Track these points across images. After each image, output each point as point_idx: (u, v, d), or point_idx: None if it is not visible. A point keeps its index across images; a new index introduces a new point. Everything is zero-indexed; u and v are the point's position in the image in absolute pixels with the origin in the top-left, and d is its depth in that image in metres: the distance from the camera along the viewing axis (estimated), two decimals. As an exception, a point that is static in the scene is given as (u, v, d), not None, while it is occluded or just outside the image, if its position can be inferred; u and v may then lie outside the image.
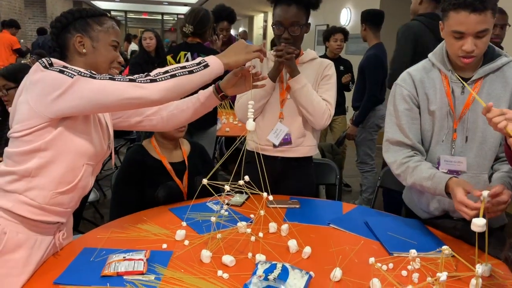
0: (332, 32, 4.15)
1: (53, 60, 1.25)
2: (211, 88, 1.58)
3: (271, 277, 1.20)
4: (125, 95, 1.19)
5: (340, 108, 4.21)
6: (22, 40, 7.98)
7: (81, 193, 1.38)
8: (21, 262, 1.25)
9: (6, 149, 1.27)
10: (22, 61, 5.28)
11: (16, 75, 2.22)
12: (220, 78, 1.55)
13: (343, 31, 4.16)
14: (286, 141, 1.99)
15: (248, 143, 2.06)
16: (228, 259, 1.37)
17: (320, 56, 2.12)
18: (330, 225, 1.70)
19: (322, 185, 3.21)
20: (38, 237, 1.30)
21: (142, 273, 1.28)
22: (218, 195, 1.63)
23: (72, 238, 1.53)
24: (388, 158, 1.68)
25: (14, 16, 8.47)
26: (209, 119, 3.16)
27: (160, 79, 1.22)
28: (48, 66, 1.22)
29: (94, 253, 1.39)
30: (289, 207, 1.87)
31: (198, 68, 1.28)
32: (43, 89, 1.20)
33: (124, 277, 1.26)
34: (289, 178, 2.05)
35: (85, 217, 3.05)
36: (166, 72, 1.24)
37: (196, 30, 3.08)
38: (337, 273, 1.29)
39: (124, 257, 1.34)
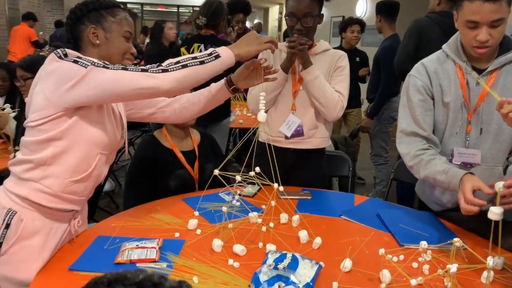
0: (349, 23, 4.11)
1: (68, 50, 1.27)
2: (222, 81, 1.58)
3: (280, 266, 1.21)
4: (137, 85, 1.20)
5: (355, 101, 4.18)
6: (41, 33, 8.09)
7: (95, 182, 1.41)
8: (38, 248, 1.29)
9: (23, 138, 1.30)
10: (40, 53, 5.36)
11: (33, 66, 2.26)
12: (232, 71, 1.55)
13: (360, 22, 4.11)
14: (298, 133, 1.99)
15: (260, 135, 2.07)
16: (239, 248, 1.38)
17: (336, 48, 2.11)
18: (342, 216, 1.70)
19: (335, 178, 3.20)
20: (53, 224, 1.33)
21: (154, 261, 1.31)
22: (230, 186, 1.65)
23: (87, 226, 1.56)
24: (401, 149, 1.67)
25: (33, 9, 8.59)
26: (222, 111, 3.17)
27: (172, 69, 1.23)
28: (63, 57, 1.24)
29: (108, 241, 1.42)
30: (301, 199, 1.87)
31: (209, 58, 1.28)
32: (58, 79, 1.22)
33: (137, 264, 1.29)
34: (301, 170, 2.05)
35: (100, 206, 3.10)
36: (178, 62, 1.26)
37: (209, 22, 3.09)
38: (347, 264, 1.30)
39: (137, 245, 1.36)
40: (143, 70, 1.22)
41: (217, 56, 1.30)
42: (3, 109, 2.58)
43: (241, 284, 1.21)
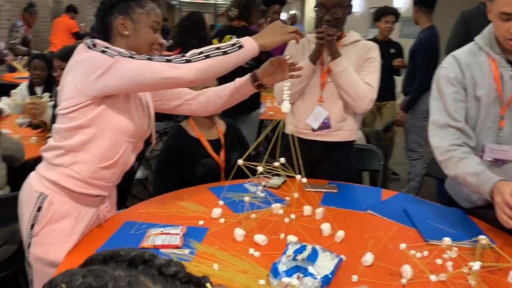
0: (383, 13, 4.01)
1: (97, 41, 1.31)
2: (247, 76, 1.59)
3: (299, 257, 1.21)
4: (161, 75, 1.23)
5: (389, 93, 4.09)
6: (82, 24, 8.34)
7: (122, 169, 1.45)
8: (67, 231, 1.35)
9: (54, 125, 1.36)
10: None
11: (69, 56, 2.33)
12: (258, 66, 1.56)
13: (394, 12, 4.01)
14: (326, 125, 1.97)
15: (287, 127, 2.06)
16: (260, 238, 1.40)
17: (369, 39, 2.07)
18: (367, 210, 1.68)
19: (366, 172, 3.16)
20: (82, 208, 1.39)
21: (177, 247, 1.34)
22: (255, 177, 1.66)
23: (116, 212, 1.62)
24: (434, 142, 1.61)
25: (75, 2, 8.86)
26: (252, 103, 3.17)
27: (195, 60, 1.25)
28: (92, 47, 1.28)
29: (135, 227, 1.47)
30: (327, 192, 1.86)
31: (233, 49, 1.29)
32: (86, 68, 1.26)
33: (161, 250, 1.33)
34: (327, 163, 2.04)
35: (133, 193, 3.19)
36: (201, 53, 1.27)
37: (241, 13, 3.10)
38: (368, 258, 1.29)
39: (161, 231, 1.40)
40: (167, 61, 1.24)
41: (240, 46, 1.30)
42: (41, 98, 2.70)
43: (260, 273, 1.22)
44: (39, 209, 1.32)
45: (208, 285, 0.49)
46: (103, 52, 1.25)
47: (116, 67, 1.23)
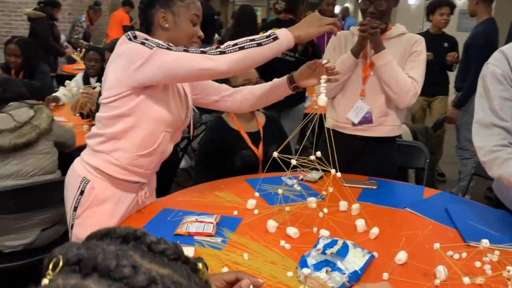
0: (438, 5, 3.83)
1: (137, 33, 1.36)
2: (285, 77, 1.59)
3: (328, 251, 1.20)
4: (196, 66, 1.26)
5: (441, 88, 3.92)
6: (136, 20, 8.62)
7: (160, 158, 1.50)
8: (108, 215, 1.42)
9: (97, 114, 1.43)
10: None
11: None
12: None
13: (449, 4, 3.82)
14: (366, 120, 1.93)
15: (327, 120, 2.04)
16: (292, 230, 1.40)
17: (420, 33, 1.99)
18: (406, 209, 1.64)
19: (412, 169, 3.06)
20: (122, 194, 1.45)
21: (210, 235, 1.37)
22: (293, 170, 1.66)
23: (156, 199, 1.68)
24: (476, 141, 1.54)
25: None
26: (297, 96, 3.14)
27: (229, 51, 1.27)
28: (132, 39, 1.33)
29: (171, 214, 1.52)
30: (365, 188, 1.82)
31: (267, 40, 1.30)
32: (127, 60, 1.31)
33: (194, 237, 1.36)
34: (368, 158, 2.00)
35: (178, 182, 3.28)
36: (236, 44, 1.29)
37: (288, 6, 3.09)
38: (401, 256, 1.26)
39: (196, 219, 1.44)
40: (202, 52, 1.27)
41: (275, 38, 1.30)
42: (94, 88, 2.83)
43: (289, 265, 1.22)
44: (81, 192, 1.40)
45: (200, 264, 0.50)
46: (143, 44, 1.30)
47: (154, 58, 1.27)
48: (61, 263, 0.43)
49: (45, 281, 0.43)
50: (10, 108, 1.90)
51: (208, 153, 2.06)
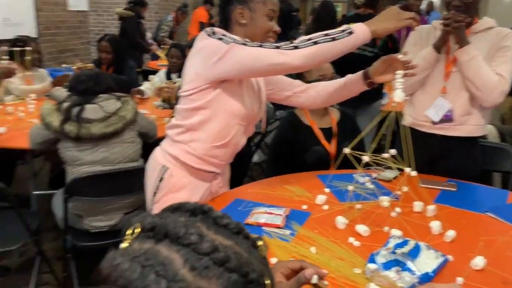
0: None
1: (215, 29, 1.42)
2: (359, 73, 1.56)
3: (399, 251, 1.17)
4: (270, 61, 1.29)
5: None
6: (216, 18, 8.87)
7: (234, 150, 1.55)
8: (184, 201, 1.49)
9: (177, 106, 1.52)
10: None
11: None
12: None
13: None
14: (447, 118, 1.84)
15: (405, 118, 1.97)
16: (362, 228, 1.38)
17: None
18: (487, 213, 1.54)
19: (497, 173, 2.85)
20: (197, 182, 1.53)
21: (279, 227, 1.39)
22: (366, 168, 1.63)
23: (229, 189, 1.74)
24: None
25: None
26: (374, 93, 3.06)
27: (302, 46, 1.28)
28: (211, 34, 1.39)
29: (243, 204, 1.57)
30: (444, 189, 1.74)
31: (342, 35, 1.28)
32: (205, 55, 1.38)
33: (263, 228, 1.40)
34: (447, 159, 1.90)
35: (252, 176, 3.35)
36: (310, 39, 1.29)
37: (367, 0, 3.01)
38: (478, 261, 1.19)
39: (265, 211, 1.47)
40: (276, 47, 1.29)
41: (350, 33, 1.29)
42: (175, 83, 2.98)
43: (357, 262, 1.21)
44: (161, 179, 1.49)
45: (260, 243, 0.53)
46: (220, 39, 1.35)
47: (230, 53, 1.32)
48: (138, 230, 0.50)
49: (123, 245, 0.48)
50: (100, 99, 2.07)
51: (280, 147, 2.09)
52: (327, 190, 1.69)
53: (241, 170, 2.75)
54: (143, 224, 0.51)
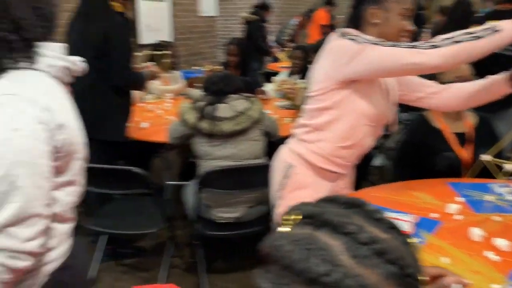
0: None
1: (347, 30, 1.41)
2: (503, 75, 1.43)
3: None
4: (405, 61, 1.24)
5: None
6: (339, 17, 8.76)
7: (360, 151, 1.54)
8: (307, 199, 1.51)
9: (304, 106, 1.55)
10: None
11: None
12: None
13: None
14: None
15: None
16: (503, 242, 1.27)
17: None
18: None
19: None
20: (321, 181, 1.54)
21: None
22: (506, 178, 1.49)
23: (352, 191, 1.72)
24: None
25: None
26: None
27: (442, 45, 1.21)
28: (343, 35, 1.39)
29: (367, 207, 1.54)
30: None
31: (486, 33, 1.19)
32: (336, 55, 1.39)
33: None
34: None
35: (372, 180, 3.26)
36: (449, 38, 1.22)
37: (512, -6, 2.72)
38: None
39: (392, 216, 1.43)
40: (412, 47, 1.25)
41: (496, 31, 1.18)
42: (295, 84, 3.04)
43: (495, 277, 1.12)
44: (286, 176, 1.54)
45: (413, 240, 0.53)
46: (352, 40, 1.35)
47: (363, 54, 1.31)
48: (298, 217, 0.54)
49: (283, 229, 0.53)
50: (229, 99, 2.20)
51: (407, 152, 2.00)
52: (460, 199, 1.58)
53: (361, 172, 2.69)
54: (303, 211, 0.54)
